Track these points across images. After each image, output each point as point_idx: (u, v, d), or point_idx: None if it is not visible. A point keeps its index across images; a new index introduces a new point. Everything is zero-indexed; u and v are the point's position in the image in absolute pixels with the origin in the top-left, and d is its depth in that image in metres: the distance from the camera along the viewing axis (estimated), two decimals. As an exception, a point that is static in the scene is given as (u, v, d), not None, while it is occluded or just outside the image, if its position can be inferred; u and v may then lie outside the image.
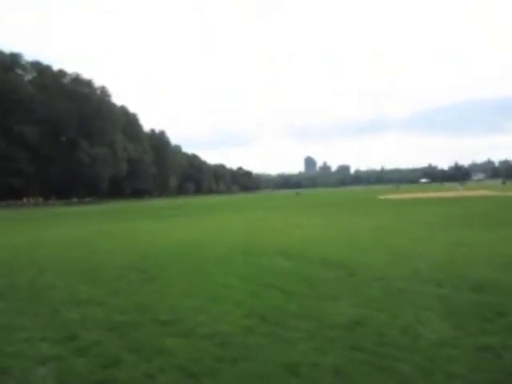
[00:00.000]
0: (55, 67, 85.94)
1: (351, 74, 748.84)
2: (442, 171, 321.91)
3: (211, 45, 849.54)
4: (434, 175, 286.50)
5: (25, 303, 6.44)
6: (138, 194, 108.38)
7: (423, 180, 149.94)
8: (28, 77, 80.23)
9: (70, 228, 21.21)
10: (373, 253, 9.97)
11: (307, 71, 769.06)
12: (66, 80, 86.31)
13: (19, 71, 79.42)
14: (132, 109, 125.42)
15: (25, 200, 70.75)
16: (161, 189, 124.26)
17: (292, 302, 5.97)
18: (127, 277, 8.08)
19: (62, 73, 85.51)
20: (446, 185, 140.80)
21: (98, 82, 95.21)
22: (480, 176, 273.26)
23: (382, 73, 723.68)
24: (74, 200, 77.52)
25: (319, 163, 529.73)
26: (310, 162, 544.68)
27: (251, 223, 19.80)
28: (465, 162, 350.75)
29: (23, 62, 79.65)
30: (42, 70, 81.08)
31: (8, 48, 76.24)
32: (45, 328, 5.19)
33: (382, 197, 52.86)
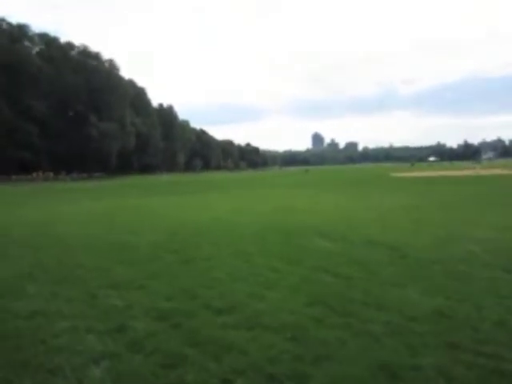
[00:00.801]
0: (63, 39, 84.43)
1: (360, 48, 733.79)
2: (451, 149, 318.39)
3: (219, 18, 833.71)
4: (442, 153, 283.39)
5: (57, 285, 5.91)
6: (147, 169, 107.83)
7: (432, 158, 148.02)
8: (36, 49, 78.88)
9: (86, 203, 20.74)
10: (415, 233, 9.38)
11: (316, 44, 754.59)
12: (73, 52, 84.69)
13: (27, 43, 78.01)
14: (140, 83, 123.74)
15: (34, 174, 70.50)
16: (169, 164, 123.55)
17: (353, 288, 5.39)
18: (162, 257, 7.53)
19: (69, 45, 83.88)
20: (456, 163, 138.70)
21: (106, 55, 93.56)
22: (490, 154, 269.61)
23: (389, 50, 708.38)
24: (84, 175, 77.15)
25: (327, 140, 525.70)
26: (317, 138, 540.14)
27: (273, 201, 19.20)
28: (474, 140, 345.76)
29: (30, 34, 78.17)
30: (49, 42, 79.55)
31: (15, 19, 74.57)
32: (86, 316, 4.65)
33: (397, 174, 51.95)
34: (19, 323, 4.51)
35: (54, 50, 78.80)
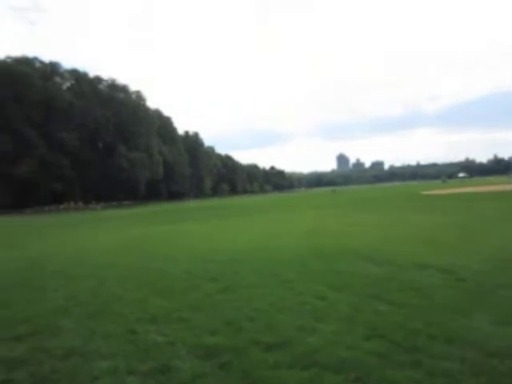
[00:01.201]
0: (91, 74, 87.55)
1: (380, 69, 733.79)
2: (481, 165, 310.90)
3: (243, 44, 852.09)
4: (472, 169, 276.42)
5: (93, 320, 5.62)
6: (175, 195, 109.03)
7: (461, 174, 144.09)
8: (66, 84, 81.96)
9: (118, 232, 20.73)
10: (466, 254, 8.76)
11: (339, 66, 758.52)
12: (102, 86, 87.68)
13: (58, 79, 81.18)
14: (166, 111, 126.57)
15: (65, 204, 72.15)
16: (196, 190, 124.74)
17: (413, 317, 4.89)
18: (200, 286, 7.18)
19: (98, 79, 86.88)
20: (489, 178, 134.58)
21: (133, 87, 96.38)
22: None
23: (412, 67, 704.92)
24: (114, 203, 78.47)
25: (352, 160, 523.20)
26: (342, 159, 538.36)
27: (305, 223, 18.72)
28: (504, 154, 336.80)
29: (61, 70, 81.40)
30: (79, 77, 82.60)
31: (46, 57, 77.85)
32: (126, 354, 4.31)
33: (429, 192, 50.57)
34: (55, 364, 4.22)
35: (83, 84, 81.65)
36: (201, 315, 5.48)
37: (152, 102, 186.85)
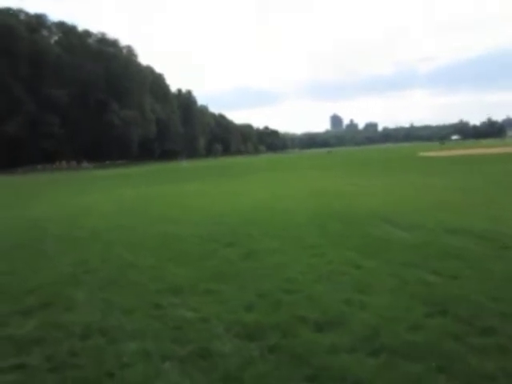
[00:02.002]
0: (80, 28, 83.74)
1: (375, 28, 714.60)
2: (475, 127, 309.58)
3: (235, 3, 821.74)
4: (465, 132, 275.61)
5: (108, 291, 5.06)
6: (168, 155, 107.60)
7: (454, 137, 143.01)
8: (54, 38, 78.53)
9: (114, 192, 20.04)
10: (497, 219, 8.22)
11: (332, 26, 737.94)
12: (91, 40, 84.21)
13: (45, 32, 77.71)
14: (158, 68, 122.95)
15: (58, 163, 70.82)
16: (189, 150, 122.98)
17: (473, 291, 4.36)
18: (217, 252, 6.63)
19: (87, 33, 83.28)
20: (483, 142, 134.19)
21: (123, 42, 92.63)
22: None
23: (405, 29, 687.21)
24: (107, 162, 77.23)
25: (346, 121, 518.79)
26: (336, 119, 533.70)
27: (308, 184, 18.16)
28: (498, 117, 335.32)
29: (48, 23, 77.80)
30: (67, 31, 79.10)
31: (33, 9, 74.15)
32: (155, 334, 3.75)
33: (427, 154, 50.01)
34: (75, 344, 3.66)
35: (72, 38, 78.31)
36: (228, 286, 4.93)
37: (144, 58, 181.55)
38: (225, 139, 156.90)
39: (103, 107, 78.29)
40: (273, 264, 5.80)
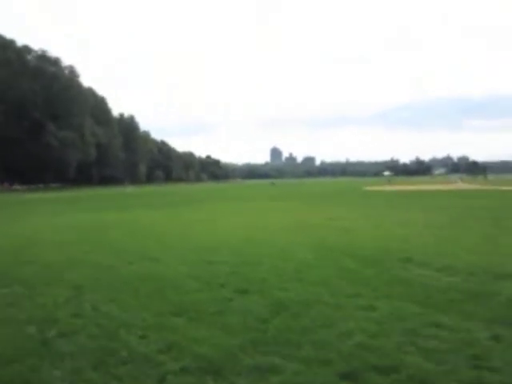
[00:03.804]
0: (19, 43, 78.68)
1: (317, 69, 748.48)
2: (405, 165, 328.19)
3: (180, 31, 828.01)
4: (396, 169, 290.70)
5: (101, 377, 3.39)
6: (107, 180, 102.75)
7: (386, 173, 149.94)
8: (-12, 51, 73.14)
9: (60, 218, 17.59)
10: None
11: (276, 64, 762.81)
12: (30, 57, 79.32)
13: (-22, 45, 72.26)
14: (100, 91, 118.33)
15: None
16: (130, 176, 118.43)
17: None
18: (234, 302, 5.09)
19: (26, 48, 78.33)
20: (413, 179, 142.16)
21: (65, 61, 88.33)
22: (441, 170, 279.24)
23: (346, 71, 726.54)
24: (40, 186, 71.71)
25: (285, 154, 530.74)
26: (275, 152, 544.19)
27: (286, 216, 16.90)
28: (425, 156, 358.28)
29: (-18, 35, 72.47)
30: (4, 45, 73.80)
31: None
32: None
33: (375, 188, 50.92)
34: None
35: (9, 52, 73.33)
36: (288, 363, 3.43)
37: (85, 79, 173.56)
38: (166, 166, 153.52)
39: (40, 127, 73.26)
40: (321, 323, 4.37)
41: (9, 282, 6.43)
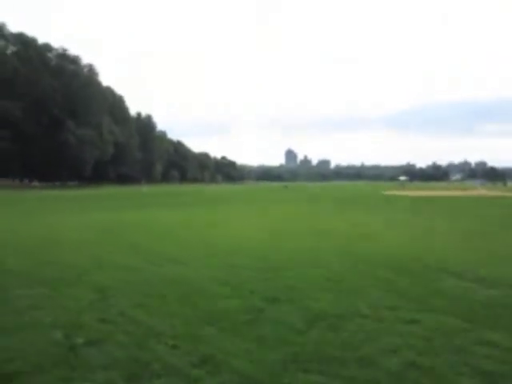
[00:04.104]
0: (40, 41, 79.74)
1: (334, 70, 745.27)
2: (421, 170, 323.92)
3: (199, 32, 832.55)
4: (412, 173, 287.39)
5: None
6: (123, 179, 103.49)
7: (402, 178, 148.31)
8: (12, 49, 74.18)
9: (80, 217, 17.56)
10: None
11: (293, 65, 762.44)
12: (51, 55, 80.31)
13: (1, 42, 73.35)
14: (118, 90, 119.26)
15: (3, 180, 65.65)
16: (146, 175, 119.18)
17: None
18: (266, 312, 4.83)
19: (47, 47, 79.29)
20: (429, 184, 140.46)
21: (85, 60, 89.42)
22: (458, 176, 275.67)
23: (363, 72, 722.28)
24: (57, 183, 72.45)
25: (300, 156, 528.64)
26: (290, 154, 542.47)
27: (300, 219, 16.63)
28: (442, 161, 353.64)
29: (6, 33, 73.54)
30: (26, 43, 74.82)
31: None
32: None
33: (392, 193, 50.24)
34: None
35: (30, 51, 74.33)
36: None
37: (104, 78, 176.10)
38: (182, 166, 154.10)
39: (59, 125, 74.03)
40: (362, 337, 4.10)
41: (31, 282, 6.29)
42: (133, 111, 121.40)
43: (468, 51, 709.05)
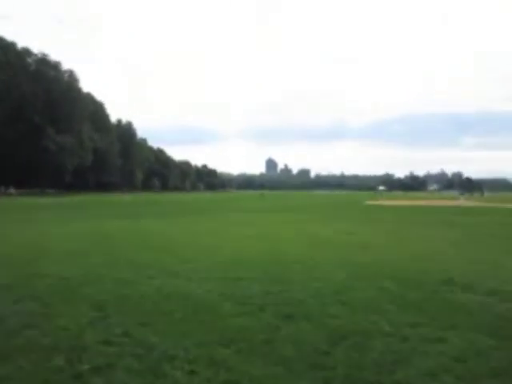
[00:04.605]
0: (20, 45, 78.10)
1: (312, 80, 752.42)
2: (399, 180, 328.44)
3: (178, 35, 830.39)
4: (391, 183, 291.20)
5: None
6: (103, 187, 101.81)
7: (381, 187, 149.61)
8: (-11, 53, 72.47)
9: (64, 226, 16.93)
10: None
11: (271, 73, 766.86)
12: (31, 60, 78.80)
13: (-23, 46, 71.58)
14: (98, 97, 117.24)
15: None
16: (126, 183, 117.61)
17: None
18: (284, 330, 4.52)
19: (27, 51, 77.84)
20: (409, 194, 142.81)
21: (65, 65, 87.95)
22: (435, 186, 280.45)
23: (342, 82, 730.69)
24: (35, 190, 70.66)
25: (280, 165, 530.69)
26: (271, 163, 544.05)
27: (298, 228, 16.36)
28: (420, 172, 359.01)
29: (-17, 37, 71.86)
30: (5, 47, 73.31)
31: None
32: None
33: (374, 202, 50.55)
34: None
35: (9, 55, 72.74)
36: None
37: (84, 85, 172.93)
38: (163, 174, 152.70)
39: (38, 131, 72.47)
40: (392, 358, 3.83)
41: (20, 297, 5.85)
42: (113, 118, 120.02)
43: (446, 63, 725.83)
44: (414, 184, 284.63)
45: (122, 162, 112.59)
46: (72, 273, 7.40)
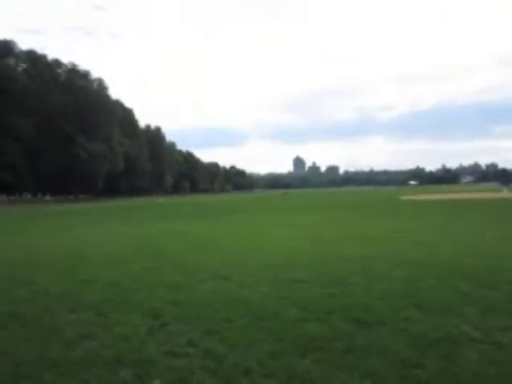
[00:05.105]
0: (50, 57, 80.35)
1: (336, 77, 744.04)
2: (431, 173, 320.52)
3: (204, 42, 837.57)
4: (422, 177, 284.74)
5: None
6: (135, 191, 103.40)
7: (412, 182, 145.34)
8: (22, 66, 74.72)
9: (102, 229, 16.97)
10: None
11: (297, 72, 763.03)
12: (61, 70, 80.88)
13: (11, 60, 73.92)
14: (127, 103, 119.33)
15: (16, 196, 65.70)
16: (157, 187, 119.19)
17: None
18: (353, 333, 4.12)
19: (57, 63, 79.96)
20: (443, 187, 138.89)
21: (94, 74, 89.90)
22: (469, 179, 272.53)
23: (367, 77, 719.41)
24: (70, 197, 72.41)
25: (308, 163, 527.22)
26: (298, 162, 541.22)
27: (339, 227, 15.87)
28: (452, 164, 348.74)
29: (16, 51, 74.13)
30: (35, 59, 75.47)
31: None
32: None
33: (411, 197, 49.24)
34: None
35: (40, 67, 74.82)
36: None
37: (113, 92, 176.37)
38: (192, 177, 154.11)
39: (70, 139, 74.24)
40: (494, 370, 3.38)
41: (74, 305, 5.65)
42: (142, 123, 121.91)
43: (476, 51, 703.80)
44: (446, 177, 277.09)
45: (152, 167, 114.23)
46: (120, 278, 7.21)
